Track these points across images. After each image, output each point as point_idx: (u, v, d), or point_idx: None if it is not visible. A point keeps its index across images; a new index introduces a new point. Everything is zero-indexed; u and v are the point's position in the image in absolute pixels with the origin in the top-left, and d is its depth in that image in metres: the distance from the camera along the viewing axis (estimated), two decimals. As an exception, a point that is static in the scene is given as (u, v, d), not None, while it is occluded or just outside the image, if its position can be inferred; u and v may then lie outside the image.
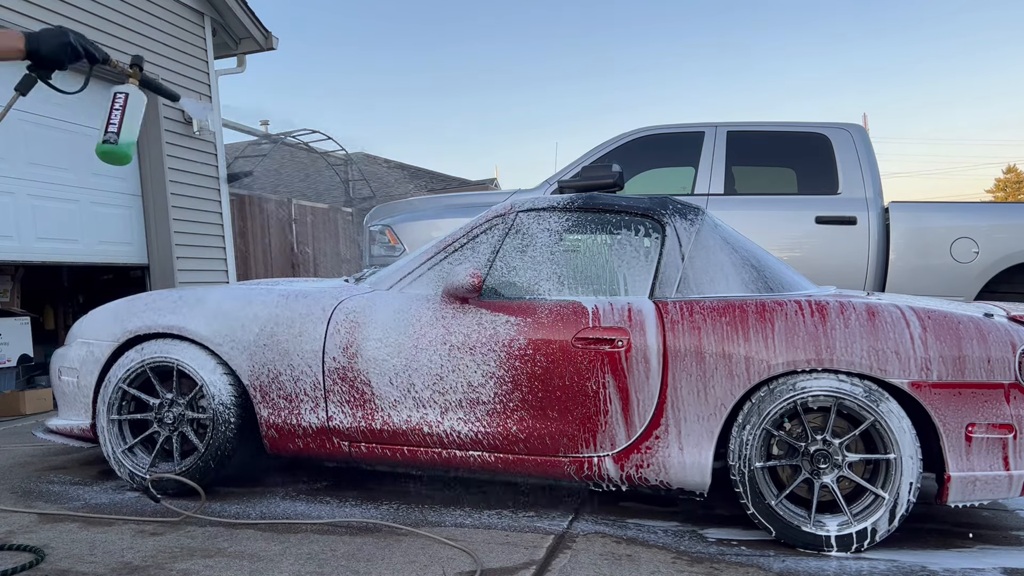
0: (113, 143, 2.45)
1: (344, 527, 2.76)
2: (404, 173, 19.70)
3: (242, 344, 3.08)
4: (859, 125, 5.11)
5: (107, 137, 2.45)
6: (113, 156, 2.48)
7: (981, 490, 2.49)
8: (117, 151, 2.47)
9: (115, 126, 2.45)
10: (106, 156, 2.48)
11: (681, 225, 2.96)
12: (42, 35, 2.14)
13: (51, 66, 2.22)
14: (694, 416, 2.65)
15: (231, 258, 8.21)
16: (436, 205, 5.40)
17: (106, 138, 2.45)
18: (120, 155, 2.48)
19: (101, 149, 2.46)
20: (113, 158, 2.48)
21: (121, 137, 2.45)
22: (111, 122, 2.45)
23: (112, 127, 2.45)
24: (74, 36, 2.21)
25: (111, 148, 2.45)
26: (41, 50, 2.14)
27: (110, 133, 2.44)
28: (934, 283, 4.74)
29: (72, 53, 2.20)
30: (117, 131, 2.45)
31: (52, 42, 2.17)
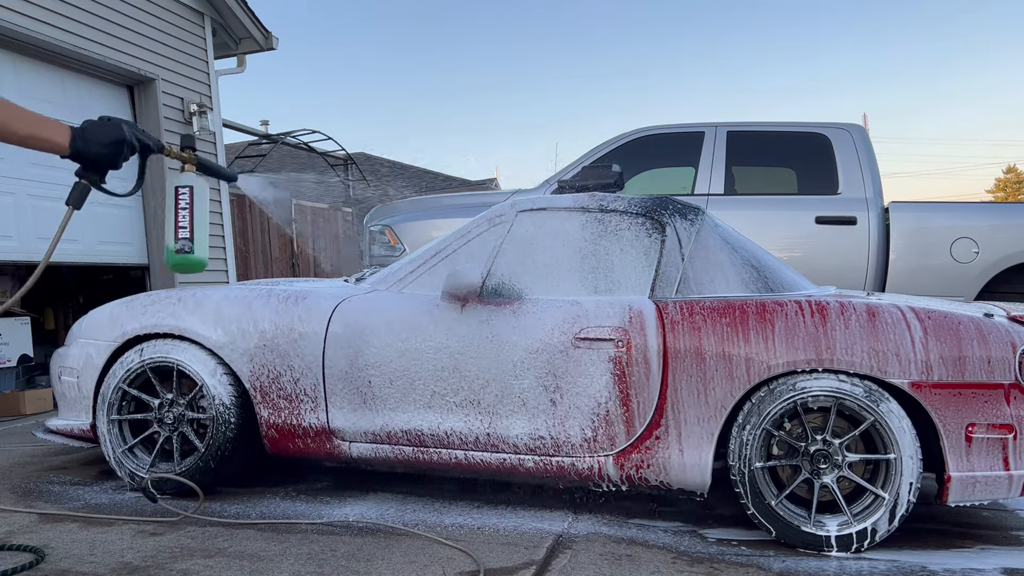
0: (188, 251, 2.06)
1: (344, 527, 2.76)
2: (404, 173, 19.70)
3: (242, 344, 3.08)
4: (859, 125, 5.11)
5: (180, 245, 2.05)
6: (190, 265, 2.09)
7: (981, 490, 2.49)
8: (193, 260, 2.08)
9: (186, 230, 2.06)
10: (182, 266, 2.09)
11: (681, 225, 2.96)
12: (90, 133, 1.80)
13: (103, 169, 1.89)
14: (694, 416, 2.65)
15: (231, 258, 8.21)
16: (436, 205, 5.40)
17: (179, 246, 2.05)
18: (198, 263, 2.09)
19: (175, 260, 2.07)
20: (190, 267, 2.09)
21: (195, 239, 2.07)
22: (180, 225, 2.06)
23: (183, 232, 2.06)
24: (128, 129, 1.87)
25: (186, 258, 2.06)
26: (90, 153, 1.81)
27: (182, 240, 2.05)
28: (934, 283, 4.74)
29: (127, 152, 1.88)
30: (190, 235, 2.06)
31: (103, 142, 1.82)
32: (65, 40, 6.11)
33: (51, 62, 6.25)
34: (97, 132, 1.80)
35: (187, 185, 2.11)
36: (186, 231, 2.07)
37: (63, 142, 1.73)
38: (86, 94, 6.65)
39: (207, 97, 7.92)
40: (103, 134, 1.81)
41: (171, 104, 7.38)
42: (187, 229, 2.08)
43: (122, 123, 1.86)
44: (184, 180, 2.12)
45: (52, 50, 6.10)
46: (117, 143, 1.81)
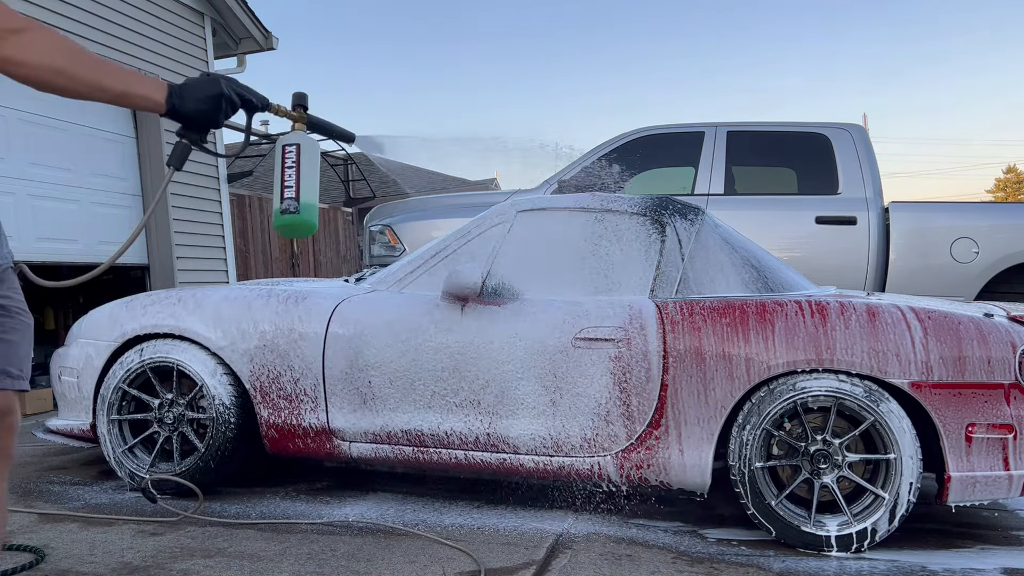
0: (294, 211, 1.93)
1: (344, 527, 2.76)
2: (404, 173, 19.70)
3: (242, 345, 3.08)
4: (859, 125, 5.11)
5: (286, 205, 1.93)
6: (297, 227, 1.96)
7: (981, 490, 2.49)
8: (300, 221, 1.95)
9: (292, 189, 1.94)
10: (288, 229, 1.96)
11: (681, 225, 2.96)
12: (187, 89, 1.71)
13: (203, 127, 1.79)
14: (694, 416, 2.65)
15: (231, 258, 8.21)
16: (436, 205, 5.40)
17: (284, 206, 1.93)
18: (304, 225, 1.96)
19: (281, 221, 1.94)
20: (297, 229, 1.97)
21: (302, 200, 1.95)
22: (286, 185, 1.94)
23: (289, 191, 1.93)
24: (226, 84, 1.78)
25: (293, 219, 1.94)
26: (187, 110, 1.70)
27: (288, 200, 1.93)
28: (934, 283, 4.73)
29: (228, 108, 1.78)
30: (296, 195, 1.94)
31: (200, 98, 1.72)
32: (65, 40, 6.10)
33: (51, 62, 6.24)
34: (195, 88, 1.72)
35: (293, 143, 1.98)
36: (291, 191, 1.94)
37: (159, 99, 1.65)
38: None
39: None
40: (201, 90, 1.72)
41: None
42: (292, 189, 1.94)
43: (221, 78, 1.77)
44: (291, 138, 1.99)
45: (52, 50, 6.09)
46: (215, 98, 1.73)
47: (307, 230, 1.98)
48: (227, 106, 1.76)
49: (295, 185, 1.94)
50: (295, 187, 1.94)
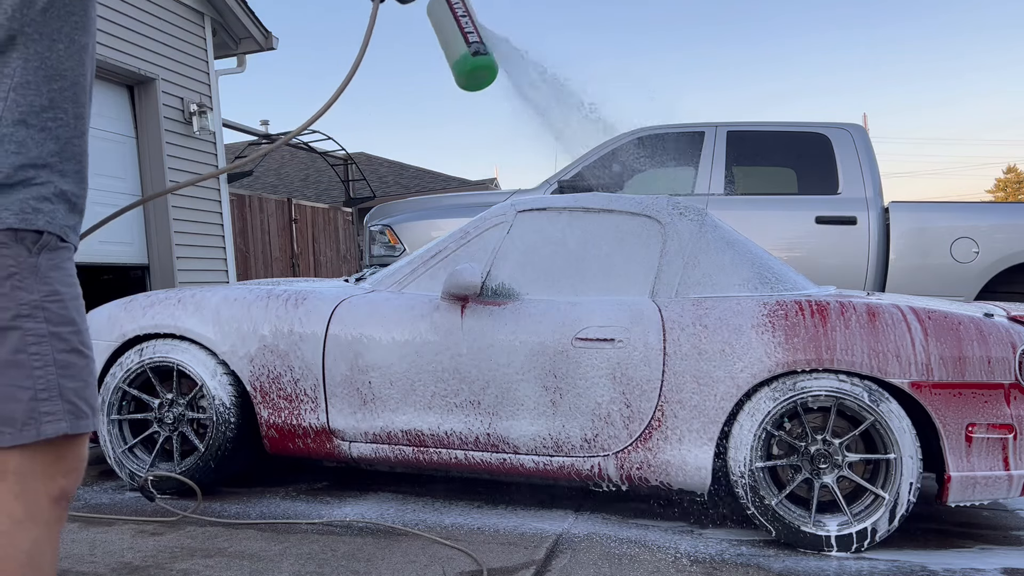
0: (485, 52, 1.80)
1: (344, 527, 2.76)
2: (404, 173, 19.70)
3: (242, 345, 3.08)
4: (859, 125, 5.11)
5: (475, 47, 1.79)
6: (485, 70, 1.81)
7: (981, 490, 2.49)
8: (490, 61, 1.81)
9: (475, 33, 1.82)
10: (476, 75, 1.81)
11: (681, 225, 2.96)
12: None
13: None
14: (694, 416, 2.65)
15: (231, 258, 8.21)
16: (436, 205, 5.40)
17: (475, 48, 1.79)
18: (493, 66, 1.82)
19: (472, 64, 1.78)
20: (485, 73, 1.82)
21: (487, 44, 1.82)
22: (466, 31, 1.81)
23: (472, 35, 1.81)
24: None
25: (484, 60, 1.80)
26: None
27: (476, 43, 1.80)
28: (934, 283, 4.74)
29: None
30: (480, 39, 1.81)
31: None
32: (65, 40, 6.10)
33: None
34: None
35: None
36: (475, 34, 1.83)
37: None
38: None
39: (207, 97, 7.92)
40: None
41: (171, 104, 7.38)
42: (475, 32, 1.83)
43: None
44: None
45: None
46: None
47: (493, 73, 1.84)
48: None
49: (475, 28, 1.83)
50: (475, 30, 1.83)
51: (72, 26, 1.12)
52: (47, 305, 1.08)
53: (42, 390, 1.07)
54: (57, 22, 1.10)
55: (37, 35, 1.08)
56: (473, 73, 1.82)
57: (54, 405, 1.08)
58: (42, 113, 1.09)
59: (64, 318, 1.10)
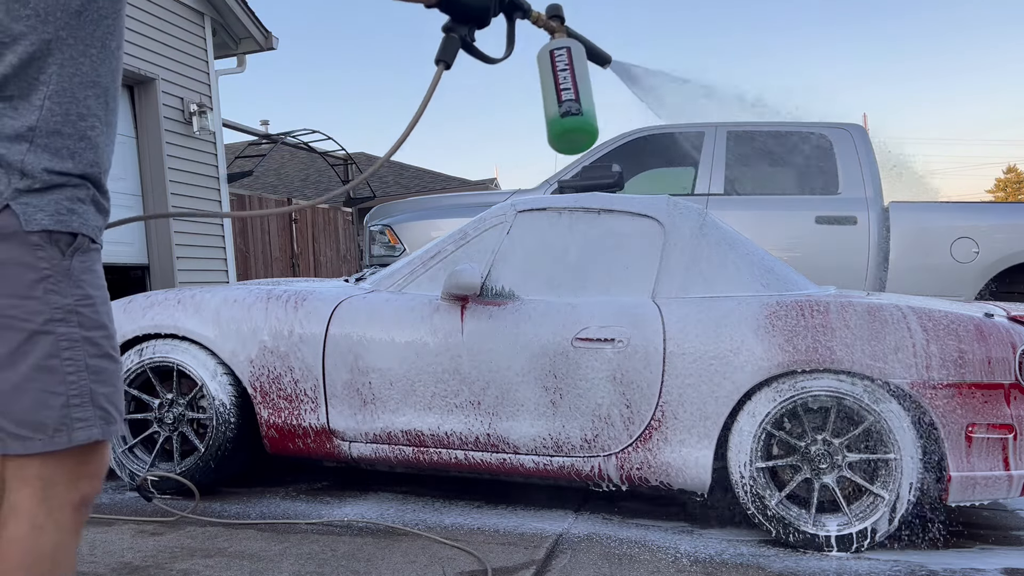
0: (576, 113, 1.68)
1: (344, 527, 2.76)
2: (404, 173, 19.71)
3: (242, 346, 3.08)
4: (859, 125, 5.11)
5: (566, 107, 1.68)
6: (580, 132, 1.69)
7: (981, 490, 2.49)
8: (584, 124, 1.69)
9: (570, 91, 1.70)
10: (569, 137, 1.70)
11: (681, 225, 2.96)
12: None
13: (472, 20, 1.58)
14: (694, 416, 2.65)
15: (231, 258, 8.21)
16: (436, 205, 5.40)
17: (565, 108, 1.68)
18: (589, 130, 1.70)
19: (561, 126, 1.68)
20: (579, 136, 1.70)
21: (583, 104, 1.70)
22: (562, 88, 1.70)
23: (567, 93, 1.70)
24: None
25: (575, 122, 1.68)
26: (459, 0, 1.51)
27: (567, 102, 1.69)
28: (934, 283, 4.73)
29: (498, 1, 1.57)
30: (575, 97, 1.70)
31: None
32: (65, 40, 6.10)
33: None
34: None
35: (563, 46, 1.75)
36: (570, 92, 1.70)
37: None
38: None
39: (207, 97, 7.92)
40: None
41: (171, 104, 7.38)
42: (571, 91, 1.70)
43: None
44: (559, 42, 1.76)
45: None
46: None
47: (591, 137, 1.71)
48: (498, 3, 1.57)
49: (572, 87, 1.71)
50: (573, 88, 1.71)
51: (105, 30, 1.10)
52: (80, 309, 1.06)
53: (75, 395, 1.05)
54: (91, 26, 1.08)
55: (72, 39, 1.06)
56: (564, 136, 1.70)
57: (86, 411, 1.06)
58: (79, 122, 1.07)
59: (96, 322, 1.08)
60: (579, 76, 1.72)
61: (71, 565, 1.10)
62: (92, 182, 1.10)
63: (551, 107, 1.70)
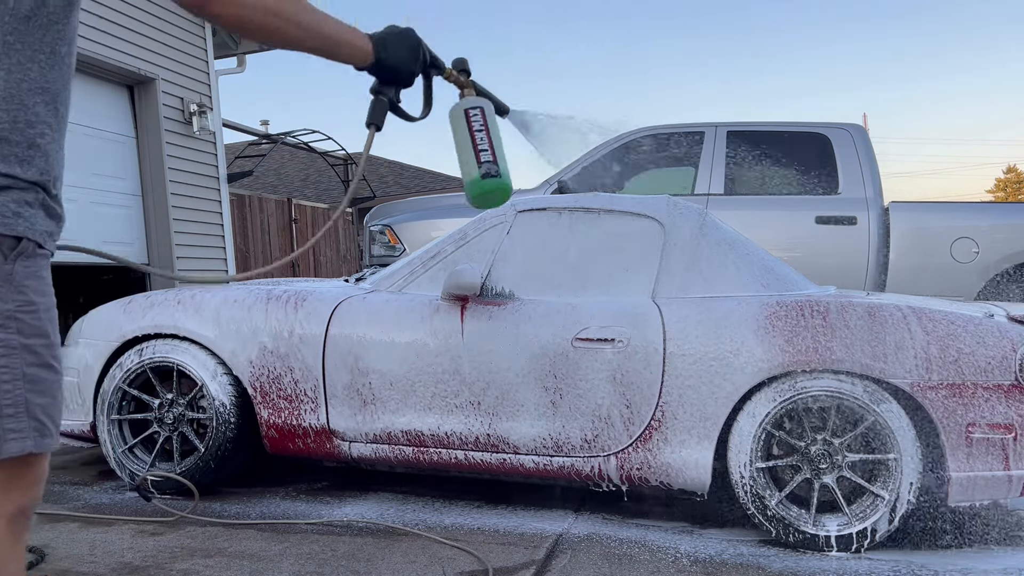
0: (496, 175, 1.76)
1: (344, 527, 2.76)
2: (404, 173, 19.70)
3: (242, 346, 3.07)
4: (859, 125, 5.11)
5: (486, 169, 1.75)
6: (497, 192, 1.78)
7: (981, 490, 2.49)
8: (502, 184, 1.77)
9: (488, 153, 1.77)
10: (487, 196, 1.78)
11: (681, 225, 2.96)
12: (390, 39, 1.54)
13: (397, 82, 1.63)
14: (694, 416, 2.65)
15: (231, 258, 8.21)
16: (436, 205, 5.40)
17: (485, 171, 1.75)
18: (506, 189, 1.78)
19: (482, 188, 1.76)
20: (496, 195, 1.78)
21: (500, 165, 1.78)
22: (481, 149, 1.77)
23: (485, 155, 1.77)
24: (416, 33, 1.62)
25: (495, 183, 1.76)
26: (389, 58, 1.53)
27: (486, 164, 1.76)
28: (934, 283, 4.73)
29: (422, 64, 1.62)
30: (493, 158, 1.77)
31: (404, 49, 1.55)
32: (65, 40, 6.10)
33: (51, 62, 6.25)
34: (397, 39, 1.55)
35: (477, 106, 1.81)
36: (488, 154, 1.77)
37: (367, 48, 1.46)
38: (86, 94, 6.65)
39: (207, 97, 7.91)
40: (403, 41, 1.56)
41: (171, 104, 7.38)
42: (489, 152, 1.77)
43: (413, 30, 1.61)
44: (473, 102, 1.82)
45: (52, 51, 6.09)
46: (415, 50, 1.58)
47: (507, 195, 1.79)
48: (422, 61, 1.61)
49: (490, 148, 1.77)
50: (490, 150, 1.77)
51: (55, 36, 1.07)
52: (20, 315, 1.01)
53: (8, 405, 1.01)
54: (40, 31, 1.05)
55: (20, 44, 1.03)
56: (484, 196, 1.77)
57: (20, 422, 1.02)
58: (27, 129, 1.04)
59: (37, 330, 1.04)
60: (494, 137, 1.79)
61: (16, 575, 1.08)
62: (42, 188, 1.06)
63: (470, 168, 1.76)
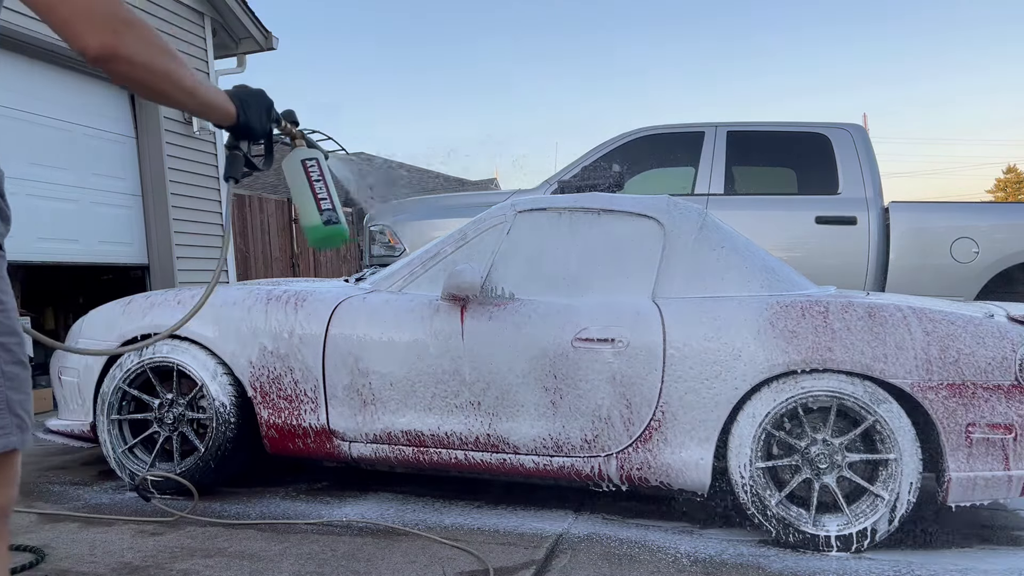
0: (337, 222, 1.95)
1: (344, 527, 2.76)
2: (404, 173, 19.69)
3: (242, 346, 3.07)
4: (859, 125, 5.11)
5: (327, 217, 1.94)
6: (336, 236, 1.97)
7: (981, 490, 2.49)
8: (341, 229, 1.96)
9: (328, 201, 1.95)
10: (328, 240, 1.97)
11: (681, 225, 2.96)
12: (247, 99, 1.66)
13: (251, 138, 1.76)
14: (694, 417, 2.65)
15: (231, 258, 8.21)
16: (436, 205, 5.40)
17: (327, 217, 1.94)
18: (343, 234, 1.97)
19: (323, 233, 1.94)
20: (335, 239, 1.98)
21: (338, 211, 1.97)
22: (320, 198, 1.94)
23: (326, 203, 1.94)
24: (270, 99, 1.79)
25: (335, 229, 1.95)
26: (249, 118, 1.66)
27: (327, 211, 1.94)
28: (934, 283, 4.73)
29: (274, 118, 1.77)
30: (332, 206, 1.95)
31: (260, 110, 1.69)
32: (65, 40, 6.10)
33: (51, 62, 6.25)
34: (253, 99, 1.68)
35: (313, 157, 1.99)
36: (328, 202, 1.95)
37: (231, 109, 1.57)
38: (86, 94, 6.65)
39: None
40: (259, 101, 1.69)
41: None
42: (328, 200, 1.95)
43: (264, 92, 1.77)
44: (307, 153, 2.00)
45: (52, 50, 6.09)
46: (269, 110, 1.72)
47: (344, 239, 1.98)
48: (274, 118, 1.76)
49: (328, 196, 1.94)
50: (329, 198, 1.94)
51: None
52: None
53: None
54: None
55: None
56: (324, 240, 1.96)
57: (3, 419, 1.02)
58: None
59: (8, 328, 1.04)
60: (330, 185, 1.97)
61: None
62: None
63: (311, 215, 1.94)
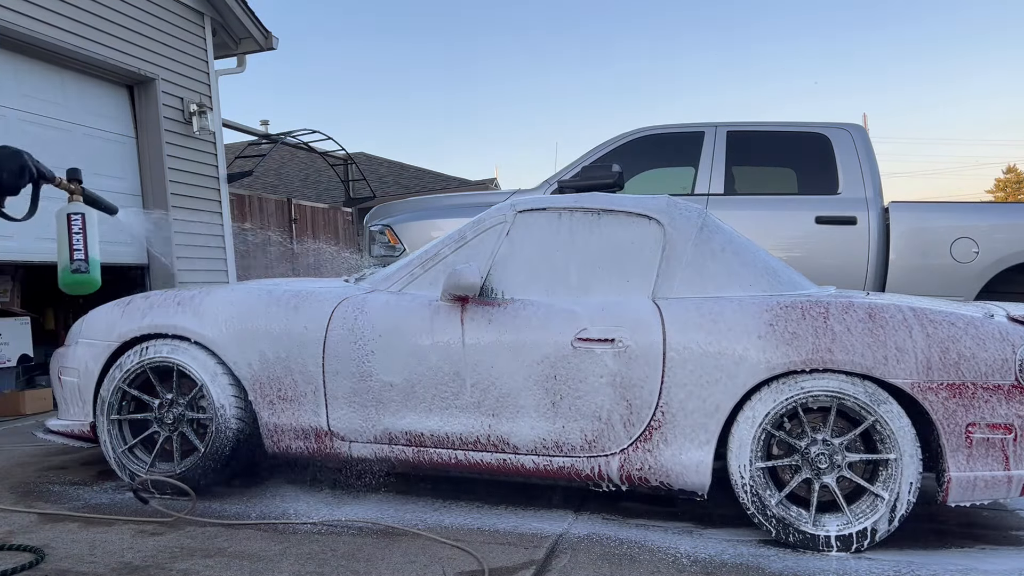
0: (85, 272, 2.19)
1: (344, 527, 2.76)
2: (404, 173, 19.69)
3: (242, 346, 3.07)
4: (859, 125, 5.11)
5: (76, 266, 2.18)
6: (83, 284, 2.22)
7: (981, 490, 2.49)
8: (89, 279, 2.21)
9: (81, 252, 2.19)
10: (77, 286, 2.21)
11: (681, 225, 2.96)
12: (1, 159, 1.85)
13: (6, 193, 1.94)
14: (694, 417, 2.65)
15: (231, 258, 8.21)
16: (436, 205, 5.40)
17: (76, 267, 2.18)
18: (93, 281, 2.23)
19: (71, 279, 2.19)
20: (82, 286, 2.22)
21: (90, 260, 2.21)
22: (75, 248, 2.18)
23: (79, 254, 2.18)
24: (28, 158, 1.94)
25: (83, 278, 2.19)
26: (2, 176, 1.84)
27: (78, 261, 2.18)
28: (934, 283, 4.73)
29: (29, 176, 1.93)
30: (85, 257, 2.19)
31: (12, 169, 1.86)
32: (65, 40, 6.10)
33: (51, 62, 6.25)
34: (9, 160, 1.87)
35: (79, 212, 2.23)
36: (81, 253, 2.20)
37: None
38: (86, 94, 6.65)
39: (207, 97, 7.91)
40: (12, 162, 1.88)
41: (171, 104, 7.38)
42: (82, 251, 2.21)
43: (23, 152, 1.95)
44: (76, 208, 2.24)
45: (52, 50, 6.10)
46: (22, 169, 1.89)
47: (94, 286, 2.25)
48: (28, 177, 1.91)
49: (83, 249, 2.19)
50: (83, 250, 2.19)
51: None
52: None
53: None
54: None
55: None
56: (72, 285, 2.21)
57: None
58: None
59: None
60: (90, 238, 2.20)
61: None
62: None
63: (63, 261, 2.17)
